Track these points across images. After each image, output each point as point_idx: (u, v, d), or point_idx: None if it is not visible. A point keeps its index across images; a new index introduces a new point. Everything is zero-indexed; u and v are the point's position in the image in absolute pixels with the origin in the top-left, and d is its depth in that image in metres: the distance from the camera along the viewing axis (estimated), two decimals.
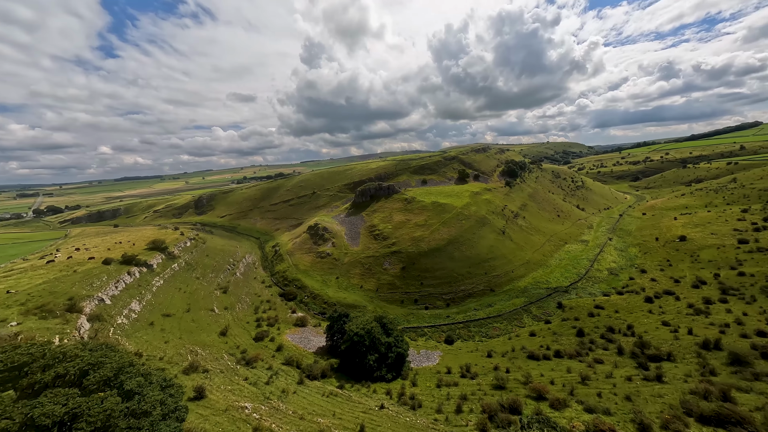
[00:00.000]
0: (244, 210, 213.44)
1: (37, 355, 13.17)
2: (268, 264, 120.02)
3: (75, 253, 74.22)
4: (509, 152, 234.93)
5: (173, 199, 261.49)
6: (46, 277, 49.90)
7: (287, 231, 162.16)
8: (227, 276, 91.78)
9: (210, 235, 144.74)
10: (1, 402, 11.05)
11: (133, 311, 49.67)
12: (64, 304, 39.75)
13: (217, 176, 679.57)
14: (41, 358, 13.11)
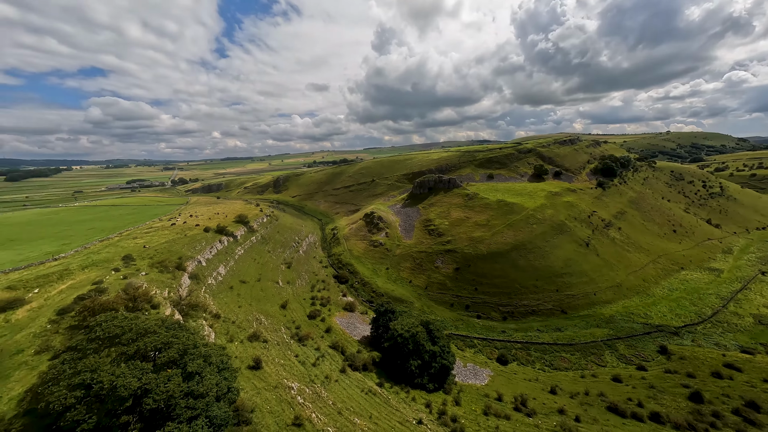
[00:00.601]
0: (311, 192, 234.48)
1: (126, 329, 15.95)
2: (327, 245, 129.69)
3: (188, 219, 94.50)
4: (607, 145, 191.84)
5: (258, 178, 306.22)
6: (168, 237, 64.39)
7: (345, 216, 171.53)
8: (292, 252, 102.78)
9: (282, 212, 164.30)
10: (99, 366, 13.50)
11: (220, 274, 60.00)
12: (175, 262, 50.27)
13: (293, 159, 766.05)
14: (129, 331, 15.80)
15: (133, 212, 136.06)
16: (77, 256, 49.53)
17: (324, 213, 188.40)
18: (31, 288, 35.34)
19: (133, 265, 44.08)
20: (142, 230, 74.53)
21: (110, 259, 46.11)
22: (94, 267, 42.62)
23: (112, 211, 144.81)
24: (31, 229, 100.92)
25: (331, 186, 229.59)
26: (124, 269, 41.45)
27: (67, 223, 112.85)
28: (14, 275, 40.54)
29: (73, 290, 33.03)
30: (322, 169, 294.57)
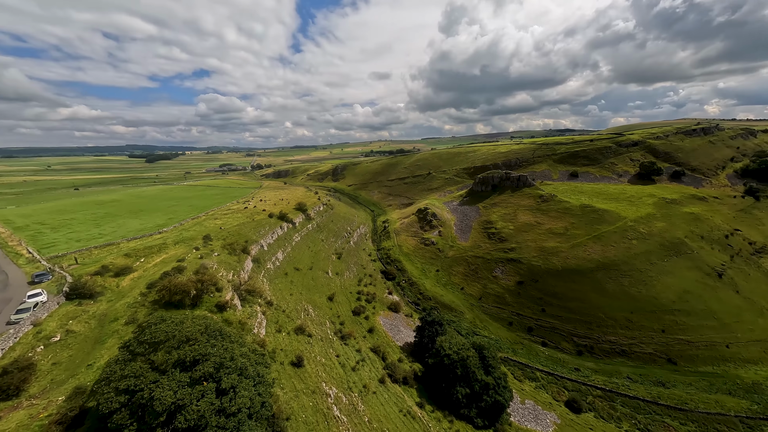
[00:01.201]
0: (365, 182, 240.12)
1: (170, 335, 16.66)
2: (377, 238, 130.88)
3: (258, 203, 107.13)
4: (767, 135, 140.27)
5: (319, 166, 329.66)
6: (239, 220, 73.32)
7: (398, 209, 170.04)
8: (343, 243, 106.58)
9: (337, 201, 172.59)
10: (143, 373, 14.10)
11: (278, 259, 65.43)
12: (242, 245, 56.32)
13: (352, 148, 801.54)
14: (172, 338, 16.46)
15: (221, 193, 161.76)
16: (174, 231, 59.94)
17: (376, 204, 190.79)
18: (138, 257, 43.68)
19: (209, 245, 50.57)
20: (222, 211, 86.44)
21: (195, 237, 54.09)
22: (182, 244, 50.50)
23: (207, 191, 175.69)
24: (154, 203, 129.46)
25: (385, 177, 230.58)
26: (202, 248, 47.76)
27: (176, 199, 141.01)
28: (132, 243, 51.04)
29: (163, 265, 39.36)
30: (378, 159, 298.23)
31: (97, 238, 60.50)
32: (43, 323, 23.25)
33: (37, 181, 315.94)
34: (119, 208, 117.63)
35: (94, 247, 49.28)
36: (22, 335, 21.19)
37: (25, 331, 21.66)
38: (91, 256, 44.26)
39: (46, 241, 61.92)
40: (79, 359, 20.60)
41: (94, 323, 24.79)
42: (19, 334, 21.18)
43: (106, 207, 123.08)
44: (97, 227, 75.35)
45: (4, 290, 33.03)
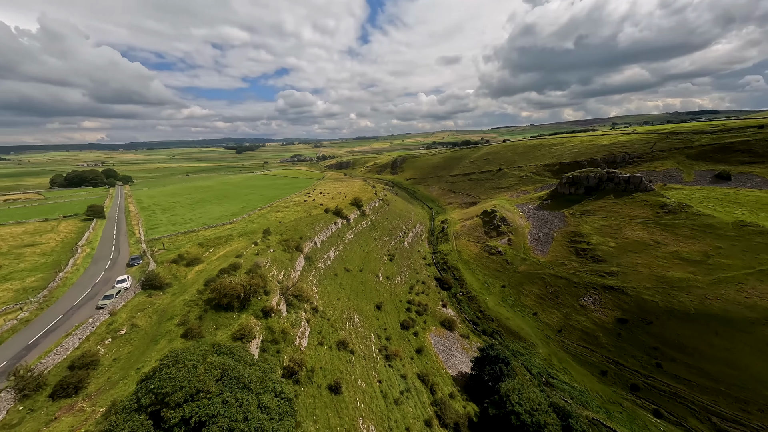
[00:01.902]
0: (425, 176, 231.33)
1: (178, 386, 15.11)
2: (433, 240, 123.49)
3: (317, 196, 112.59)
4: None
5: (379, 158, 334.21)
6: (297, 215, 77.18)
7: (459, 208, 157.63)
8: (396, 243, 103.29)
9: (394, 196, 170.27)
10: None
11: (329, 258, 66.11)
12: (296, 241, 58.22)
13: (413, 139, 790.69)
14: (179, 389, 14.85)
15: (288, 184, 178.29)
16: (241, 222, 66.18)
17: (435, 201, 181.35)
18: (208, 247, 48.67)
19: (267, 240, 53.25)
20: (285, 203, 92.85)
21: (256, 230, 58.12)
22: (245, 237, 54.64)
23: (277, 181, 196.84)
24: (236, 190, 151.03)
25: (447, 172, 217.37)
26: (260, 243, 50.40)
27: (252, 187, 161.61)
28: (207, 232, 57.85)
29: (224, 259, 42.48)
30: (440, 152, 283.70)
31: (186, 222, 71.52)
32: (117, 313, 26.41)
33: (165, 168, 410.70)
34: (210, 194, 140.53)
35: (180, 233, 57.57)
36: (98, 325, 24.33)
37: (101, 320, 24.93)
38: (175, 242, 51.62)
39: (155, 222, 76.61)
40: (134, 358, 21.99)
41: (155, 318, 26.99)
42: (96, 323, 24.40)
43: (202, 192, 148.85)
44: (191, 211, 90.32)
45: (112, 268, 40.70)
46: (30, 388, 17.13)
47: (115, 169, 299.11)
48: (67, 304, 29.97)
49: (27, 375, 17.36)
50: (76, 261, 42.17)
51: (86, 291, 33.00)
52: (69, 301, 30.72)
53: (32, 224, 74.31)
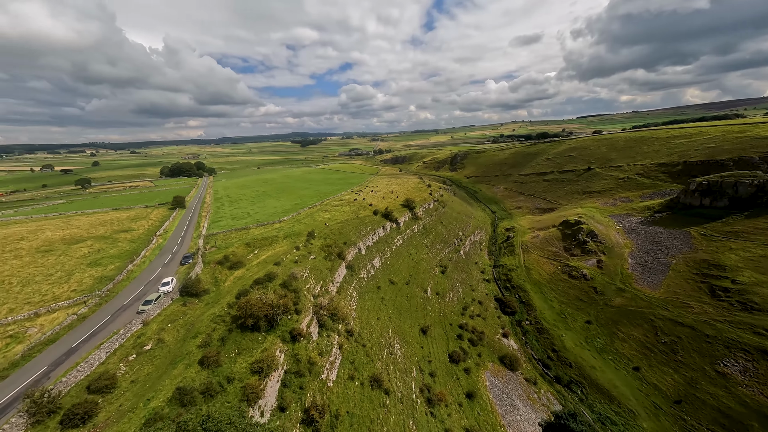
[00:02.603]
0: (490, 175, 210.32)
1: None
2: (495, 250, 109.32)
3: (368, 195, 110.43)
4: None
5: (437, 153, 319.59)
6: (345, 216, 75.41)
7: (530, 214, 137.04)
8: (451, 252, 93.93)
9: (452, 196, 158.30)
10: None
11: (373, 267, 62.22)
12: (339, 248, 55.76)
13: (477, 132, 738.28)
14: None
15: (342, 179, 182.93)
16: (290, 222, 67.35)
17: (500, 204, 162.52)
18: (253, 249, 49.61)
19: (310, 244, 51.89)
20: (335, 202, 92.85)
21: (301, 232, 57.70)
22: (289, 238, 54.51)
23: (333, 175, 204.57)
24: (294, 183, 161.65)
25: (516, 170, 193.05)
26: (302, 248, 49.15)
27: (309, 181, 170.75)
28: (257, 231, 59.97)
29: (263, 265, 42.04)
30: (510, 146, 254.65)
31: (244, 217, 76.77)
32: (149, 323, 26.85)
33: (243, 160, 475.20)
34: (272, 187, 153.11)
35: (235, 230, 61.10)
36: (129, 337, 24.87)
37: (133, 330, 25.55)
38: (227, 240, 54.58)
39: (220, 215, 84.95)
40: (150, 383, 21.09)
41: (182, 333, 26.53)
42: (128, 333, 25.04)
43: (266, 185, 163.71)
44: (251, 205, 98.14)
45: (169, 265, 44.48)
46: (42, 413, 17.32)
47: (203, 162, 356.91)
48: (119, 302, 32.54)
49: (40, 399, 17.59)
50: (146, 253, 47.76)
51: (139, 288, 35.80)
52: (123, 298, 33.42)
53: (135, 210, 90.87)
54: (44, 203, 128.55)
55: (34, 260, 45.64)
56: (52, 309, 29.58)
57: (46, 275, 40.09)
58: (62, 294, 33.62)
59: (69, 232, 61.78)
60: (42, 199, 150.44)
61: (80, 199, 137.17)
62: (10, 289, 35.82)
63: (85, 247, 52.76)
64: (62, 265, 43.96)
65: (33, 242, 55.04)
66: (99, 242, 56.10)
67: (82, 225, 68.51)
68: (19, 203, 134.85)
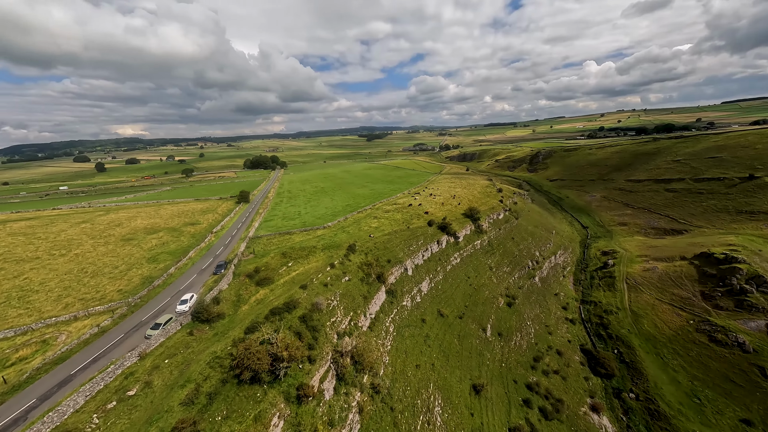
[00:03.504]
0: (582, 178, 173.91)
1: None
2: (585, 278, 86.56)
3: (425, 200, 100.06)
4: None
5: (513, 150, 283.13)
6: (394, 225, 67.80)
7: (641, 235, 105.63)
8: (522, 277, 77.31)
9: (527, 202, 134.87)
10: None
11: (420, 292, 53.33)
12: (381, 267, 48.80)
13: (567, 124, 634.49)
14: None
15: (402, 177, 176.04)
16: (334, 228, 63.59)
17: (594, 216, 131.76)
18: (288, 261, 46.66)
19: (348, 261, 46.35)
20: (387, 206, 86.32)
21: (342, 244, 52.79)
22: (327, 251, 50.11)
23: (392, 173, 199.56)
24: (353, 180, 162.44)
25: (623, 173, 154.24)
26: (338, 266, 43.92)
27: (367, 178, 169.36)
28: (299, 238, 57.66)
29: (288, 286, 38.01)
30: (614, 142, 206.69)
31: (294, 218, 76.92)
32: (146, 357, 24.57)
33: (314, 153, 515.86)
34: (330, 183, 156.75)
35: (279, 233, 60.31)
36: (117, 375, 22.91)
37: (125, 367, 23.63)
38: (268, 245, 53.55)
39: (273, 213, 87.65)
40: None
41: (174, 376, 23.48)
42: (117, 371, 23.21)
43: (326, 180, 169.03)
44: (306, 204, 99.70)
45: (203, 272, 44.53)
46: None
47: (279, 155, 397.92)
48: (141, 316, 32.39)
49: None
50: (193, 254, 49.93)
51: (166, 299, 35.63)
52: (146, 311, 33.32)
53: (209, 202, 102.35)
54: (157, 189, 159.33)
55: (114, 249, 52.25)
56: (89, 314, 31.28)
57: (113, 267, 44.64)
58: (109, 293, 35.96)
59: (152, 222, 70.93)
60: (158, 185, 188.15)
61: (181, 187, 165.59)
62: (82, 279, 40.42)
63: (156, 239, 58.71)
64: (130, 257, 48.84)
65: (124, 229, 64.34)
66: (168, 234, 62.10)
67: (165, 215, 78.47)
68: (143, 188, 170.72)
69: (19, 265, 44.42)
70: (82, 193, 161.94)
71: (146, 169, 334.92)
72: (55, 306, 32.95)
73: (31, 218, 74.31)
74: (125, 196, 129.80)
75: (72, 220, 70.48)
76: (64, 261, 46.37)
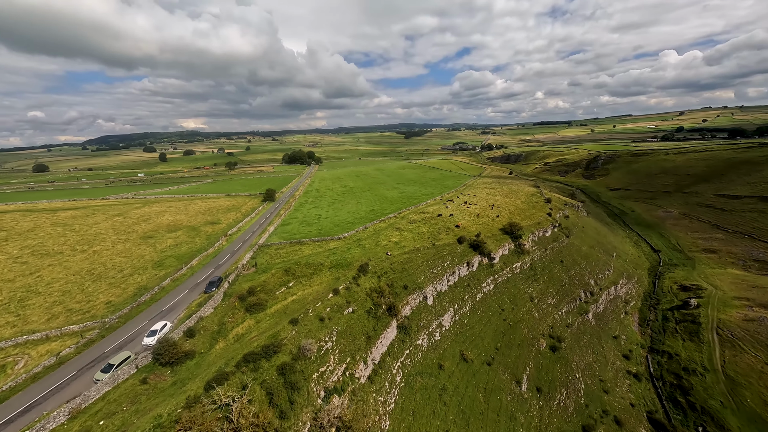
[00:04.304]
0: (654, 189, 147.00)
1: None
2: (655, 319, 69.59)
3: (458, 209, 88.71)
4: None
5: (566, 153, 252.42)
6: (418, 241, 59.01)
7: (739, 268, 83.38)
8: (572, 312, 63.92)
9: (582, 216, 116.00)
10: None
11: (441, 328, 44.76)
12: (394, 297, 41.00)
13: (634, 124, 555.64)
14: None
15: (437, 179, 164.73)
16: (349, 240, 57.44)
17: (668, 236, 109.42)
18: (289, 280, 41.48)
19: (355, 286, 39.79)
20: (414, 215, 78.13)
21: (353, 262, 46.37)
22: (335, 269, 44.08)
23: (427, 174, 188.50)
24: (383, 181, 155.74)
25: (711, 186, 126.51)
26: (343, 292, 37.56)
27: (399, 179, 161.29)
28: (308, 250, 52.35)
29: (278, 317, 32.46)
30: (699, 146, 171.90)
31: (312, 223, 72.65)
32: (77, 417, 20.28)
33: (351, 149, 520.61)
34: (360, 183, 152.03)
35: (287, 243, 55.79)
36: None
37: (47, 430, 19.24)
38: (275, 257, 49.26)
39: (294, 216, 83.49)
40: None
41: None
42: None
43: (357, 180, 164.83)
44: (328, 207, 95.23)
45: (196, 287, 40.65)
46: None
47: (319, 149, 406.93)
48: (106, 345, 29.02)
49: None
50: (195, 262, 47.37)
51: (142, 324, 32.26)
52: (115, 339, 30.00)
53: (238, 199, 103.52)
54: (201, 181, 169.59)
55: (130, 248, 52.29)
56: (62, 333, 29.22)
57: (119, 269, 43.77)
58: (96, 306, 34.12)
59: (177, 219, 71.77)
60: (204, 176, 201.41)
61: (221, 180, 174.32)
62: (84, 283, 39.68)
63: (173, 238, 58.19)
64: (140, 259, 48.02)
65: (149, 225, 65.49)
66: (186, 234, 61.52)
67: (192, 211, 79.56)
68: (189, 179, 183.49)
69: (42, 260, 45.72)
70: (139, 182, 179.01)
71: (200, 160, 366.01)
72: (42, 316, 31.76)
73: (80, 207, 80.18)
74: (168, 187, 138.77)
75: (110, 212, 74.17)
76: (80, 258, 46.84)
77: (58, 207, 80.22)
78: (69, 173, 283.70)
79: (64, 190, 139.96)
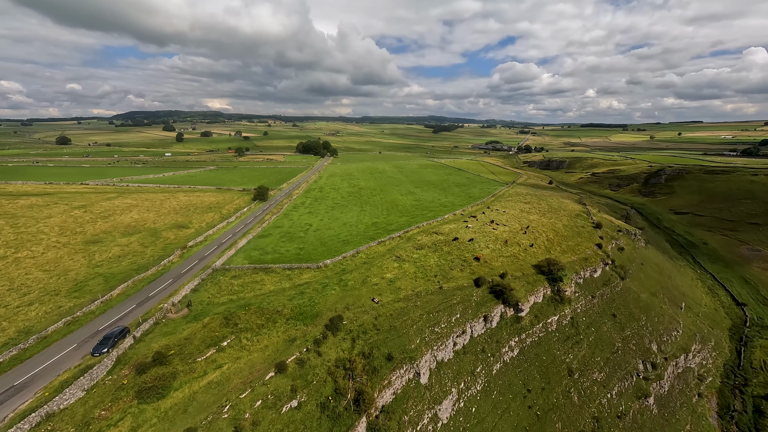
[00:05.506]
0: (737, 218, 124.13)
1: None
2: (743, 409, 52.84)
3: (483, 230, 73.68)
4: None
5: (620, 163, 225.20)
6: (421, 279, 46.35)
7: None
8: (627, 393, 49.16)
9: (641, 248, 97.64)
10: None
11: (436, 422, 32.79)
12: (367, 375, 29.72)
13: (705, 132, 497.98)
14: None
15: (461, 184, 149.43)
16: (331, 270, 46.57)
17: (756, 283, 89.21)
18: (221, 339, 31.07)
19: (316, 357, 28.93)
20: (422, 236, 65.94)
21: (322, 312, 35.44)
22: (294, 323, 33.44)
23: (451, 177, 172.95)
24: (398, 184, 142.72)
25: None
26: (292, 371, 26.84)
27: (416, 183, 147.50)
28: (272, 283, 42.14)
29: (176, 420, 22.17)
30: None
31: (293, 239, 62.29)
32: None
33: (373, 141, 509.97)
34: (372, 183, 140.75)
35: (250, 268, 45.76)
36: None
37: None
38: (219, 294, 38.98)
39: (279, 224, 72.06)
40: None
41: None
42: None
43: (370, 178, 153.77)
44: (325, 213, 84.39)
45: (89, 341, 28.59)
46: None
47: (337, 139, 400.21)
48: None
49: None
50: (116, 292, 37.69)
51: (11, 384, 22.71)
52: None
53: (227, 194, 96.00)
54: (204, 167, 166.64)
55: (62, 257, 45.28)
56: None
57: (23, 292, 36.27)
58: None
59: (143, 217, 64.92)
60: (209, 162, 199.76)
61: (224, 168, 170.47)
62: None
63: (121, 246, 50.84)
64: (62, 276, 40.64)
65: (105, 225, 58.79)
66: (141, 240, 53.92)
67: (166, 208, 72.64)
68: (193, 164, 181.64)
69: None
70: (141, 164, 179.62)
71: (215, 142, 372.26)
72: None
73: (50, 193, 75.86)
74: (162, 174, 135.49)
75: (75, 202, 68.74)
76: (3, 264, 39.90)
77: (26, 191, 76.48)
78: (88, 147, 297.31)
79: (56, 167, 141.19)
